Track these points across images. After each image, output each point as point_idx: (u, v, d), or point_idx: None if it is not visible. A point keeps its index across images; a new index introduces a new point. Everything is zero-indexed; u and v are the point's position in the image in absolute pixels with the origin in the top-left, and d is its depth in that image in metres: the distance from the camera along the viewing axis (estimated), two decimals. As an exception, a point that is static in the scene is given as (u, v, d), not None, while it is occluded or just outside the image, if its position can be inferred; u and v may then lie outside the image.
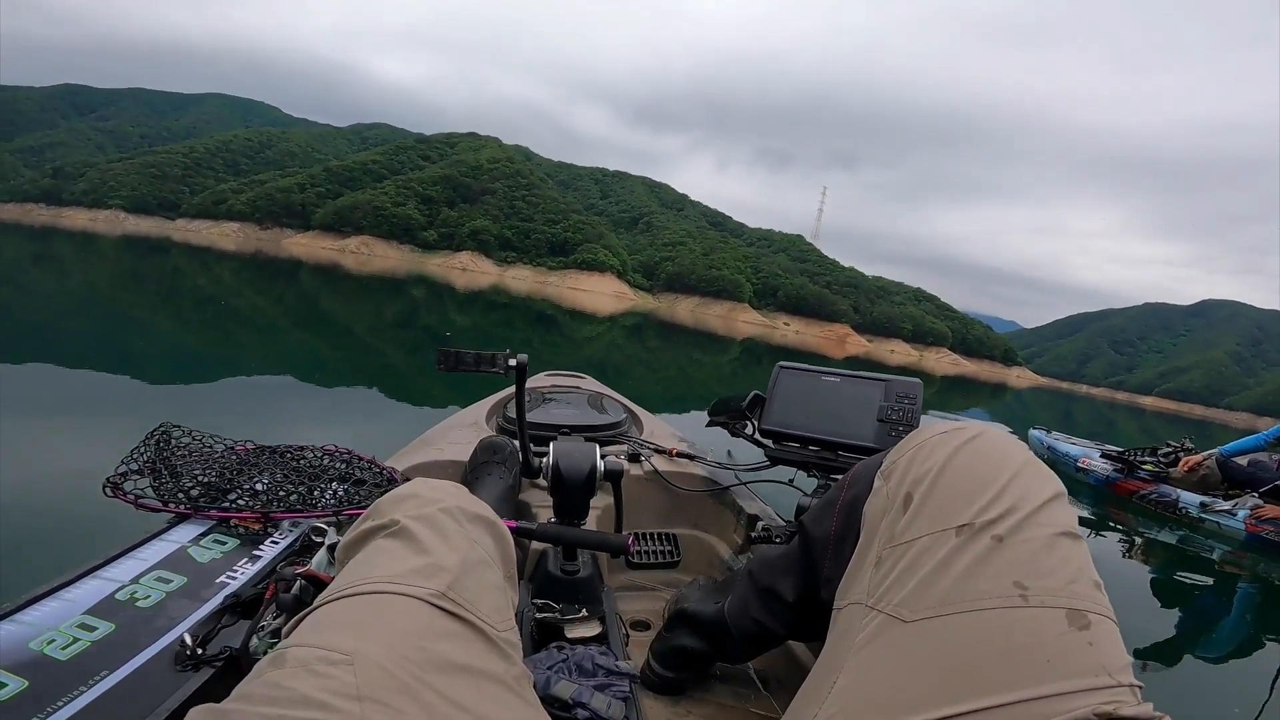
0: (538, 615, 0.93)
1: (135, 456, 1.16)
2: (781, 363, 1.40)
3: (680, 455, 1.56)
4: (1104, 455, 6.07)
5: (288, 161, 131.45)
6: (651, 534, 1.43)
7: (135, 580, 0.86)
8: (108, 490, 1.06)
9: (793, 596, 0.79)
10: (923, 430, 0.65)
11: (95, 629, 0.75)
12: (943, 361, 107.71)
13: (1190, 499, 5.05)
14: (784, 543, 0.91)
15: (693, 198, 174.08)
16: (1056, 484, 0.57)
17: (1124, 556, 4.10)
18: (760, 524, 1.32)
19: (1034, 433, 7.49)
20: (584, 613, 0.94)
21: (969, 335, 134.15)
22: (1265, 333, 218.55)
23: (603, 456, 1.08)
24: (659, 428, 1.86)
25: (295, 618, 0.54)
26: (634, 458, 1.50)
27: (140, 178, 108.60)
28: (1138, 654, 2.45)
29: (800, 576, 0.78)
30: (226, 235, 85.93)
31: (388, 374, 6.58)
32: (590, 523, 1.14)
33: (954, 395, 22.24)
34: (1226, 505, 4.85)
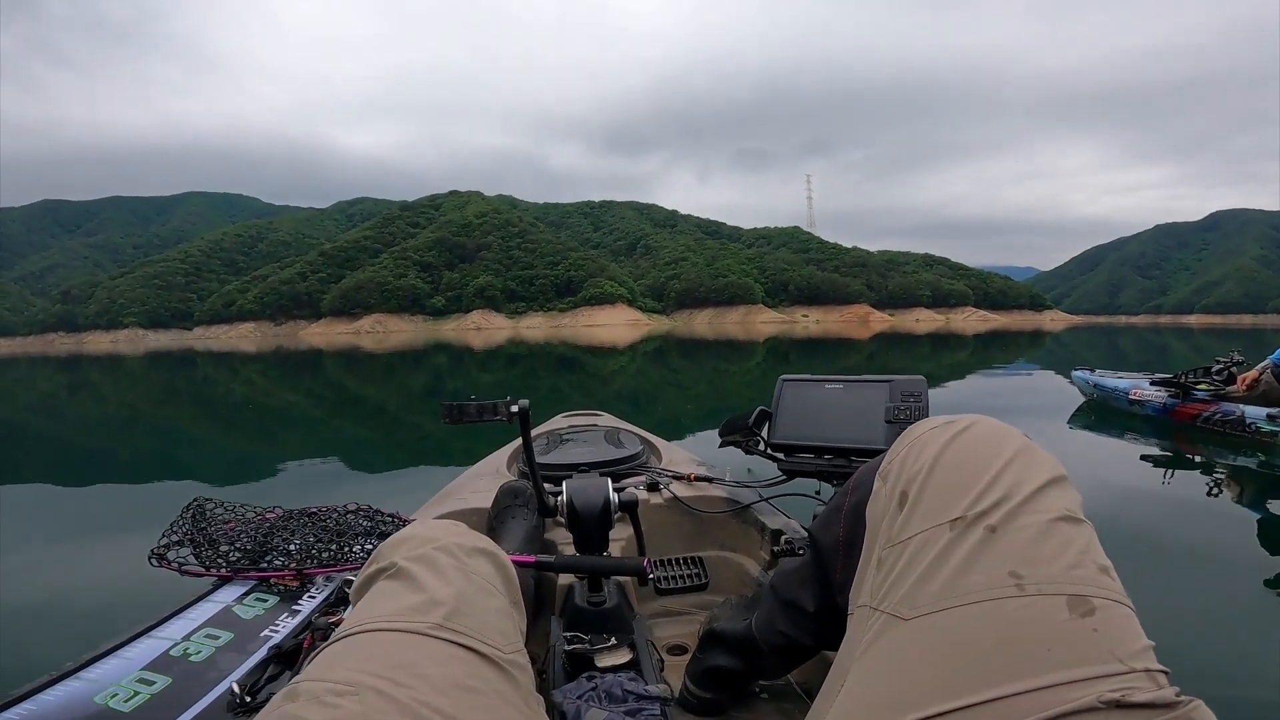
0: (567, 647, 0.93)
1: (174, 529, 1.27)
2: (784, 375, 1.40)
3: (699, 479, 1.57)
4: (1154, 383, 5.86)
5: (282, 251, 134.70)
6: (677, 559, 1.44)
7: (186, 638, 0.95)
8: (153, 560, 1.17)
9: (813, 607, 0.79)
10: (916, 426, 0.66)
11: (154, 683, 0.83)
12: (971, 320, 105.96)
13: (1256, 413, 4.83)
14: (805, 554, 0.90)
15: (683, 212, 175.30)
16: (1053, 468, 0.56)
17: (1208, 493, 3.88)
18: (784, 538, 1.32)
19: (1078, 374, 7.31)
20: (613, 641, 0.95)
21: (990, 289, 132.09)
22: None
23: (618, 489, 1.10)
24: (677, 454, 1.88)
25: (306, 659, 0.57)
26: (653, 487, 1.51)
27: (146, 291, 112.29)
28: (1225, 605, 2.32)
29: (817, 586, 0.78)
30: (245, 337, 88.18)
31: (423, 441, 6.68)
32: (615, 554, 1.16)
33: (993, 351, 21.78)
34: None
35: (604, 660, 0.92)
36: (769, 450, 1.39)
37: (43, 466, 5.59)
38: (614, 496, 1.08)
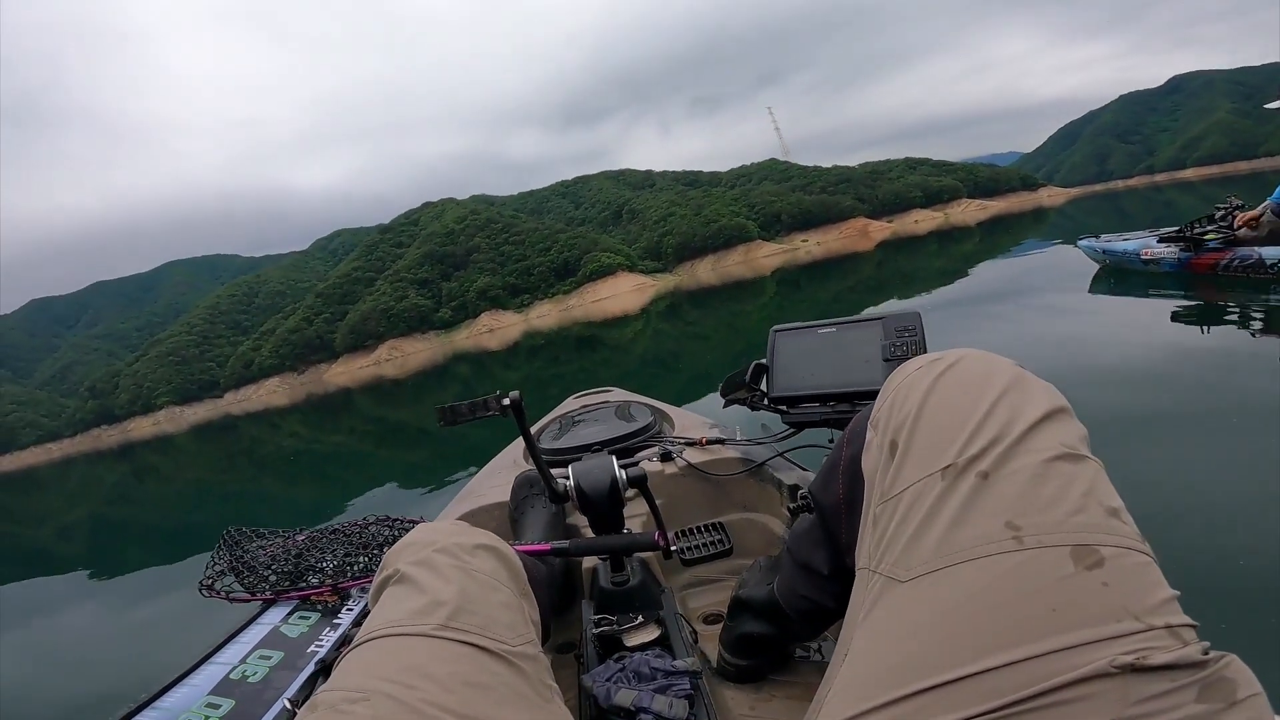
0: (596, 630, 0.94)
1: (216, 560, 1.40)
2: (775, 326, 1.38)
3: (711, 442, 1.52)
4: (1162, 240, 5.87)
5: (279, 301, 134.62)
6: (698, 527, 1.41)
7: (243, 661, 1.02)
8: (204, 592, 1.30)
9: (828, 569, 0.75)
10: (903, 367, 0.61)
11: (220, 706, 0.90)
12: (969, 210, 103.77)
13: (1273, 252, 4.84)
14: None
15: (657, 170, 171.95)
16: (1051, 399, 0.51)
17: (1250, 338, 3.81)
18: (800, 493, 1.28)
19: (1083, 242, 7.28)
20: (640, 619, 0.95)
21: (979, 178, 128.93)
22: (1249, 86, 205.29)
23: (626, 464, 1.08)
24: (688, 420, 1.84)
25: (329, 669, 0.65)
26: (666, 456, 1.48)
27: (166, 369, 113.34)
28: None
29: (827, 547, 0.74)
30: (275, 393, 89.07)
31: (469, 451, 6.95)
32: (633, 531, 1.15)
33: (999, 237, 21.62)
34: None
35: (632, 639, 0.92)
36: (771, 404, 1.36)
37: (127, 544, 6.02)
38: (620, 473, 1.05)
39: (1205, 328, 4.27)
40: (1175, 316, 4.69)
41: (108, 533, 7.59)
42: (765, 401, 1.38)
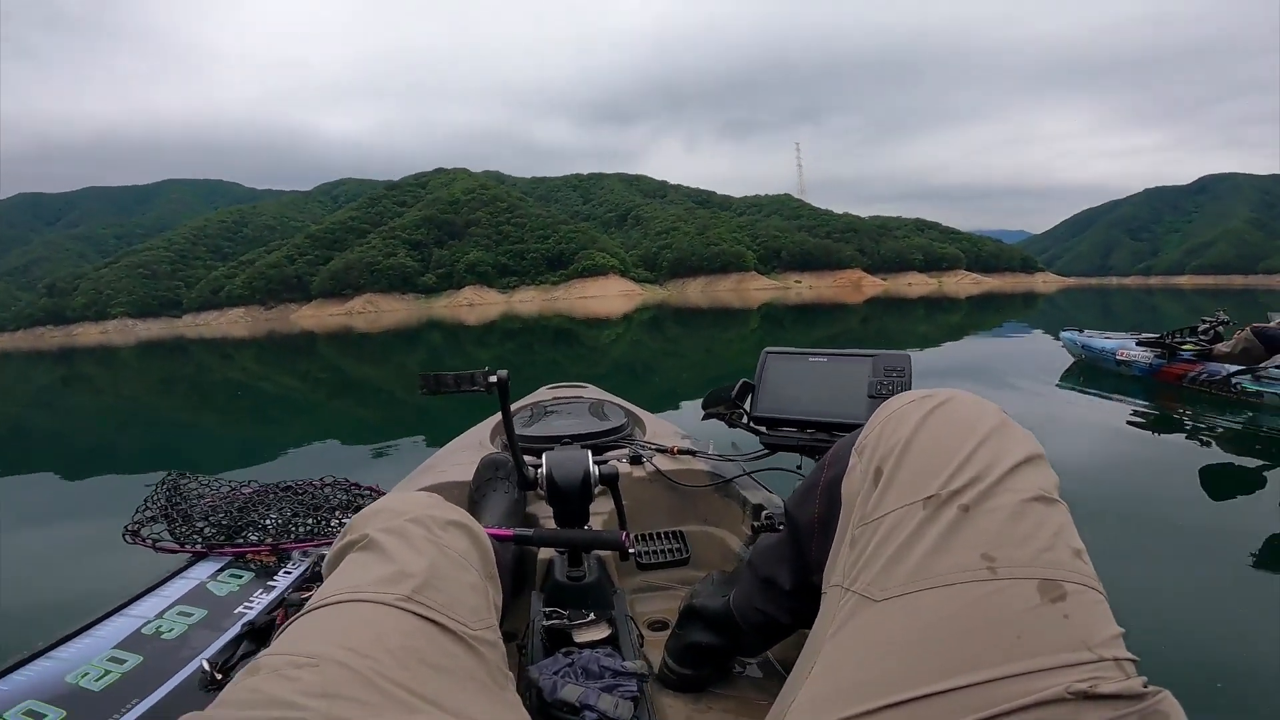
0: (546, 622, 0.93)
1: (149, 505, 1.28)
2: (767, 348, 1.39)
3: (682, 452, 1.55)
4: (1141, 343, 5.93)
5: (267, 236, 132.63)
6: (658, 534, 1.43)
7: (159, 615, 0.95)
8: (127, 537, 1.18)
9: (790, 584, 0.78)
10: (894, 400, 0.64)
11: (125, 661, 0.83)
12: (963, 283, 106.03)
13: (1241, 375, 4.89)
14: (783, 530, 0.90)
15: (672, 182, 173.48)
16: (1030, 446, 0.55)
17: (1187, 451, 3.94)
18: (764, 513, 1.30)
19: (1065, 334, 7.39)
20: (591, 617, 0.94)
21: (982, 252, 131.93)
22: (1275, 196, 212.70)
23: (600, 461, 1.09)
24: (661, 427, 1.86)
25: (276, 632, 0.57)
26: (635, 460, 1.49)
27: (133, 280, 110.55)
28: (1167, 577, 2.26)
29: (793, 563, 0.77)
30: (236, 322, 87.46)
31: (420, 417, 6.75)
32: (595, 528, 1.15)
33: (985, 314, 21.90)
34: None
35: (582, 635, 0.92)
36: (751, 423, 1.37)
37: (38, 456, 5.64)
38: (594, 469, 1.06)
39: (1156, 435, 4.37)
40: (1131, 420, 4.76)
41: (14, 441, 7.15)
42: (745, 420, 1.39)
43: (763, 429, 1.36)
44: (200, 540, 1.18)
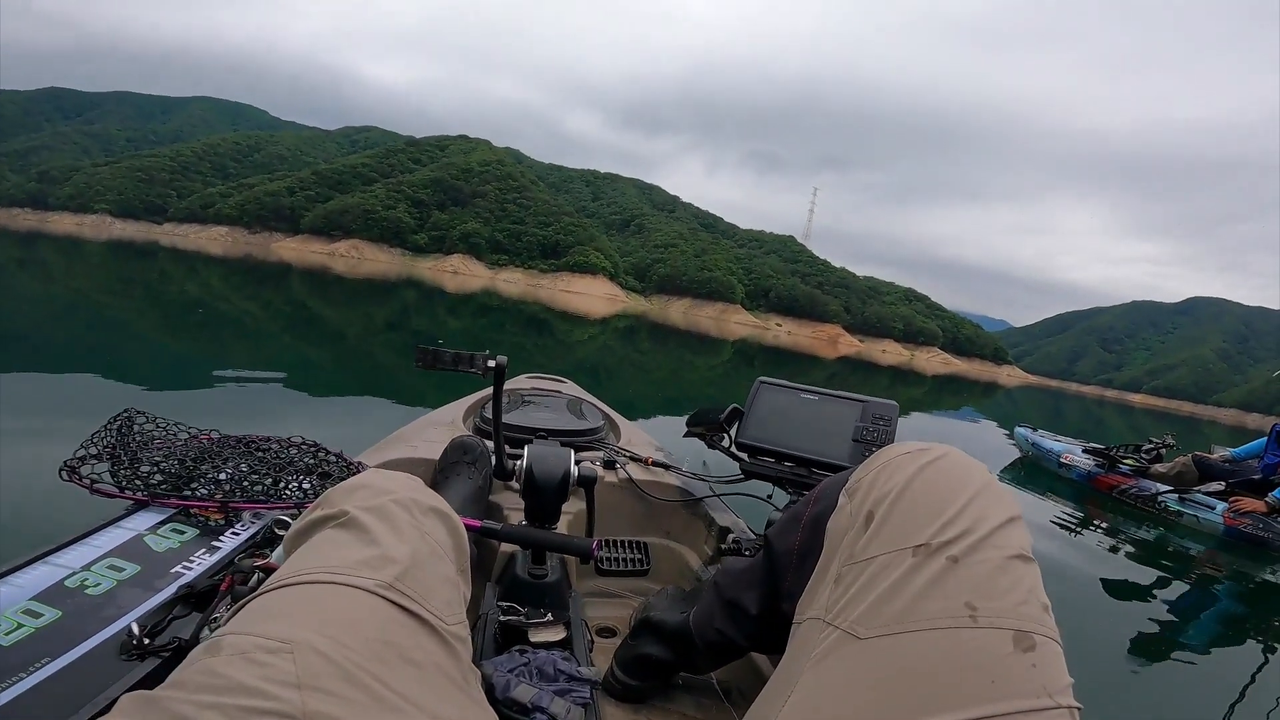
0: (502, 618, 0.92)
1: (95, 441, 1.15)
2: (762, 378, 1.41)
3: (656, 464, 1.56)
4: (1087, 451, 6.13)
5: (276, 165, 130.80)
6: (622, 541, 1.43)
7: (86, 567, 0.85)
8: (64, 474, 1.04)
9: (756, 609, 0.80)
10: (889, 449, 0.66)
11: (41, 615, 0.74)
12: (933, 361, 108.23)
13: (1169, 495, 5.11)
14: (751, 556, 0.89)
15: (684, 199, 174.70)
16: (1014, 507, 0.58)
17: (1106, 553, 4.12)
18: (731, 536, 1.33)
19: (1020, 430, 7.55)
20: (549, 617, 0.94)
21: (959, 334, 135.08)
22: (1251, 329, 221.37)
23: (578, 462, 1.08)
24: (637, 435, 1.86)
25: (235, 606, 0.53)
26: (609, 464, 1.50)
27: (126, 182, 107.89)
28: (1102, 661, 2.50)
29: (764, 589, 0.79)
30: (214, 239, 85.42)
31: (375, 374, 6.60)
32: (561, 528, 1.14)
33: (945, 395, 22.35)
34: (1205, 499, 4.92)
35: (538, 635, 0.91)
36: (734, 448, 1.39)
37: None
38: (574, 470, 1.06)
39: (1075, 534, 4.48)
40: (1056, 519, 4.88)
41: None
42: (727, 443, 1.41)
43: (744, 455, 1.38)
44: (143, 487, 1.05)
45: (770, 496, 1.41)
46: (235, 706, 0.40)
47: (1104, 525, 4.89)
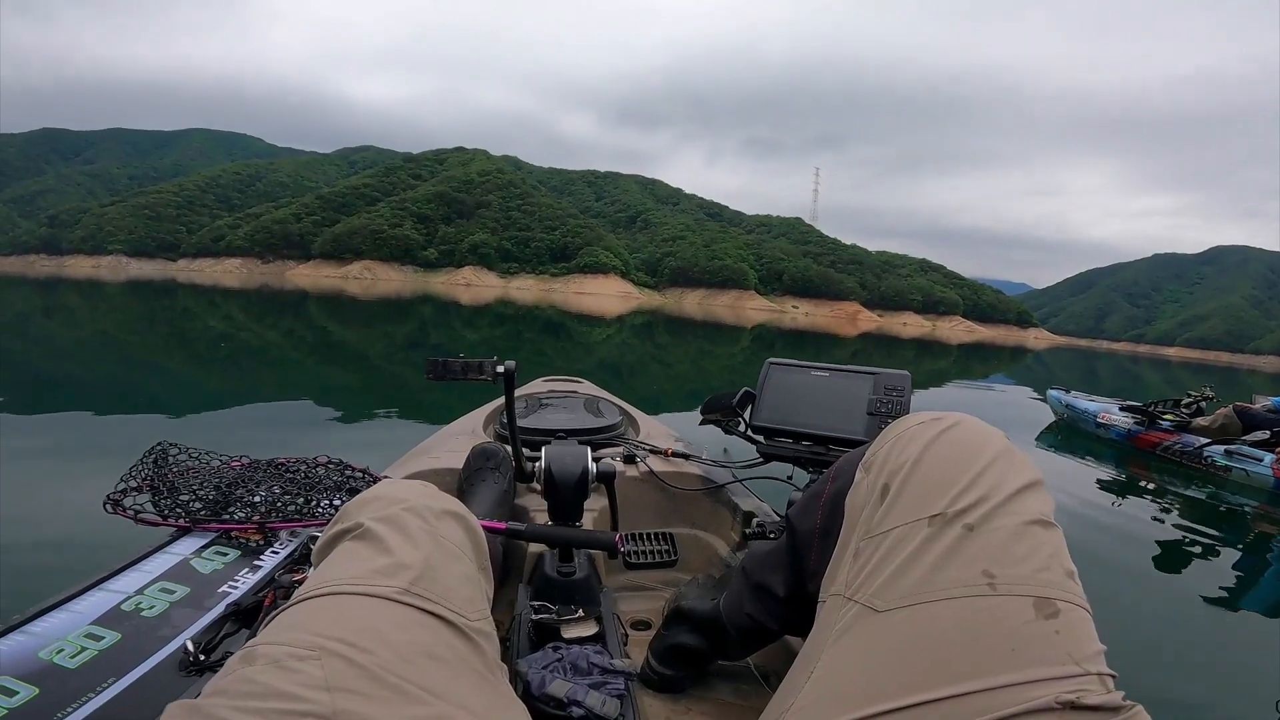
0: (534, 617, 0.93)
1: (134, 474, 1.22)
2: (771, 359, 1.40)
3: (676, 455, 1.56)
4: (1124, 409, 6.02)
5: (279, 192, 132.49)
6: (648, 534, 1.44)
7: (140, 591, 0.90)
8: (108, 507, 1.11)
9: (784, 591, 0.79)
10: (903, 420, 0.66)
11: (102, 638, 0.79)
12: (957, 330, 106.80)
13: (1214, 448, 4.98)
14: (776, 538, 0.91)
15: (686, 191, 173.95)
16: (1032, 472, 0.57)
17: (1156, 515, 3.99)
18: (755, 520, 1.33)
19: (1052, 393, 7.43)
20: (580, 613, 0.95)
21: (980, 301, 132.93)
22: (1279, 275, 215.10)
23: (596, 459, 1.09)
24: (655, 429, 1.87)
25: (266, 619, 0.55)
26: (629, 459, 1.50)
27: (136, 220, 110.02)
28: (1158, 628, 2.41)
29: (790, 571, 0.79)
30: (230, 272, 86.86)
31: (401, 392, 6.65)
32: (586, 524, 1.16)
33: (973, 363, 22.05)
34: (1252, 450, 4.78)
35: (570, 631, 0.92)
36: (749, 432, 1.39)
37: (4, 391, 5.44)
38: (592, 466, 1.07)
39: (1119, 500, 4.35)
40: (1100, 482, 4.78)
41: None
42: (743, 428, 1.40)
43: (760, 438, 1.37)
44: (184, 514, 1.12)
45: (790, 477, 1.41)
46: (272, 710, 0.43)
47: (1151, 486, 4.78)
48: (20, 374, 6.38)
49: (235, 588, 0.94)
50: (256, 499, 1.19)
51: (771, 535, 1.25)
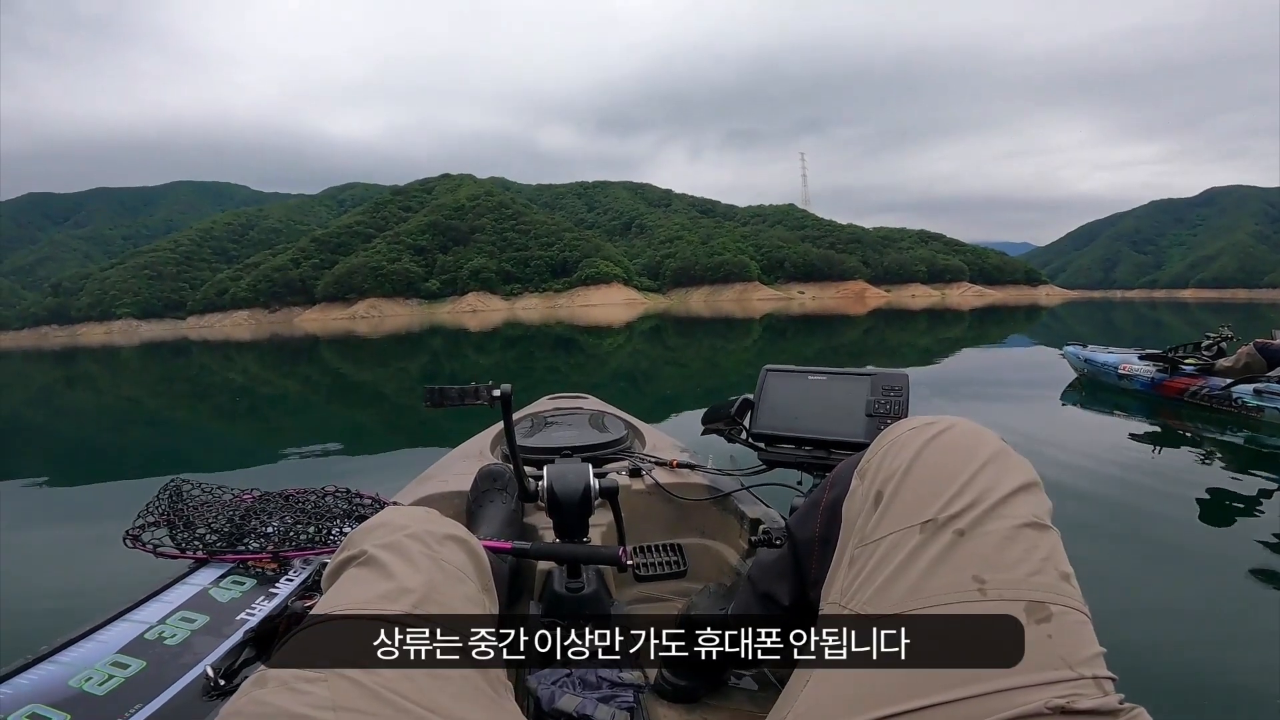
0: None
1: (150, 510, 1.27)
2: (767, 365, 1.40)
3: (681, 466, 1.57)
4: (1144, 357, 5.94)
5: (273, 239, 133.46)
6: (656, 546, 1.44)
7: (162, 621, 0.95)
8: (127, 541, 1.18)
9: (788, 600, 0.79)
10: (896, 426, 0.66)
11: (128, 666, 0.83)
12: (966, 295, 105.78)
13: (1243, 388, 4.89)
14: (782, 545, 0.89)
15: (677, 191, 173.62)
16: (1026, 474, 0.57)
17: (1196, 469, 3.89)
18: (762, 528, 1.34)
19: (1069, 348, 7.36)
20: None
21: (985, 264, 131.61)
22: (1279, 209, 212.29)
23: (599, 475, 1.11)
24: (660, 440, 1.88)
25: (278, 645, 0.58)
26: (635, 472, 1.51)
27: (139, 281, 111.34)
28: (1215, 594, 2.29)
29: (792, 580, 0.79)
30: (239, 325, 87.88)
31: (421, 425, 6.72)
32: (594, 540, 1.17)
33: (988, 327, 21.89)
34: None
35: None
36: (750, 439, 1.39)
37: (37, 457, 5.60)
38: (594, 483, 1.08)
39: (1156, 451, 4.32)
40: (1133, 435, 4.71)
41: (15, 441, 7.09)
42: (744, 436, 1.40)
43: (761, 445, 1.37)
44: (201, 546, 1.18)
45: (800, 483, 1.40)
46: None
47: (1186, 435, 4.72)
48: (57, 440, 6.54)
49: (252, 614, 0.98)
50: (270, 529, 1.24)
51: (778, 542, 1.26)
